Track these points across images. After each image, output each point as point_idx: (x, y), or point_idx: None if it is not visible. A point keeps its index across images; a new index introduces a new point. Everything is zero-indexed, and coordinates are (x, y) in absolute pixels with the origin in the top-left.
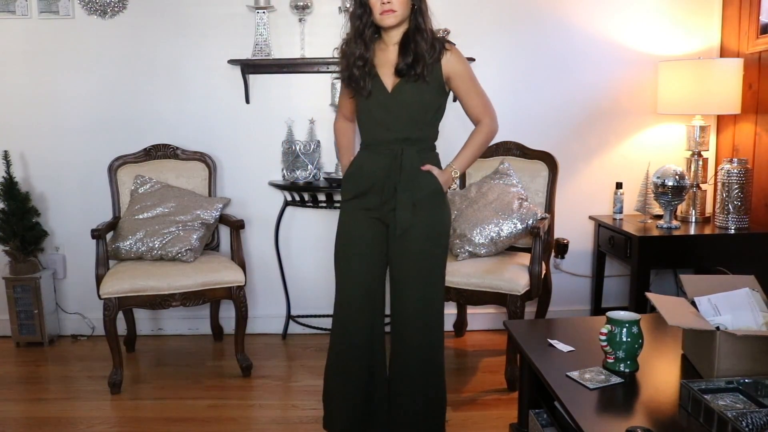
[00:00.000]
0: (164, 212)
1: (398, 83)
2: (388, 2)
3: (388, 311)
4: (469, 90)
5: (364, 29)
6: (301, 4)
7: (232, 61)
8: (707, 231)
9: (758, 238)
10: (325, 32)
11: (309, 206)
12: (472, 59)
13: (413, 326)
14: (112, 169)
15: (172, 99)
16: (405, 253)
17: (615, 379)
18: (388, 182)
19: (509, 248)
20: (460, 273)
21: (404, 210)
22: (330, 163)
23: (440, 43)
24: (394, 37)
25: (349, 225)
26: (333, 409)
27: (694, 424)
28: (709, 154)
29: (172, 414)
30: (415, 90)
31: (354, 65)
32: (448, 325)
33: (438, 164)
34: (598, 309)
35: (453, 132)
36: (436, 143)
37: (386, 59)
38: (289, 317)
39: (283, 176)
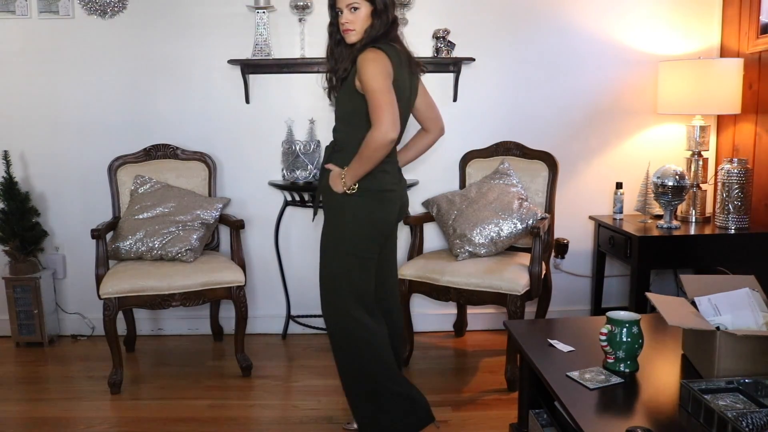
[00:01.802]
0: (164, 212)
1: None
2: (346, 22)
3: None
4: (366, 92)
5: (334, 46)
6: (301, 4)
7: (232, 61)
8: (707, 231)
9: (758, 238)
10: (325, 32)
11: (309, 206)
12: (471, 59)
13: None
14: (112, 169)
15: (172, 99)
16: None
17: (615, 379)
18: (320, 176)
19: (509, 248)
20: (460, 273)
21: (316, 201)
22: None
23: (362, 49)
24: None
25: None
26: None
27: (694, 425)
28: (709, 154)
29: (172, 414)
30: (340, 96)
31: (325, 77)
32: (449, 325)
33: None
34: (598, 309)
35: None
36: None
37: None
38: (289, 317)
39: (283, 176)
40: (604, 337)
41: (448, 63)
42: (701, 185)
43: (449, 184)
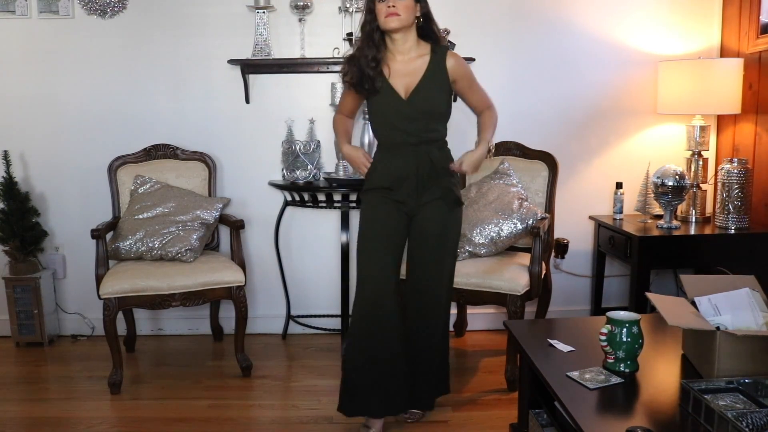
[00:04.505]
0: (164, 212)
1: (412, 92)
2: (393, 6)
3: None
4: (472, 88)
5: (372, 33)
6: (301, 4)
7: (232, 61)
8: (707, 231)
9: (758, 238)
10: (325, 32)
11: (309, 206)
12: (471, 59)
13: (439, 303)
14: (112, 169)
15: (172, 99)
16: (428, 240)
17: (615, 379)
18: (419, 179)
19: (509, 248)
20: (460, 273)
21: (441, 202)
22: (330, 163)
23: (444, 50)
24: (400, 45)
25: (375, 209)
26: (357, 390)
27: (694, 425)
28: (709, 154)
29: (172, 414)
30: (427, 97)
31: (367, 66)
32: (449, 325)
33: (451, 159)
34: (598, 309)
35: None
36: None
37: (395, 69)
38: (289, 317)
39: (283, 176)
40: (604, 337)
41: None
42: (701, 185)
43: None
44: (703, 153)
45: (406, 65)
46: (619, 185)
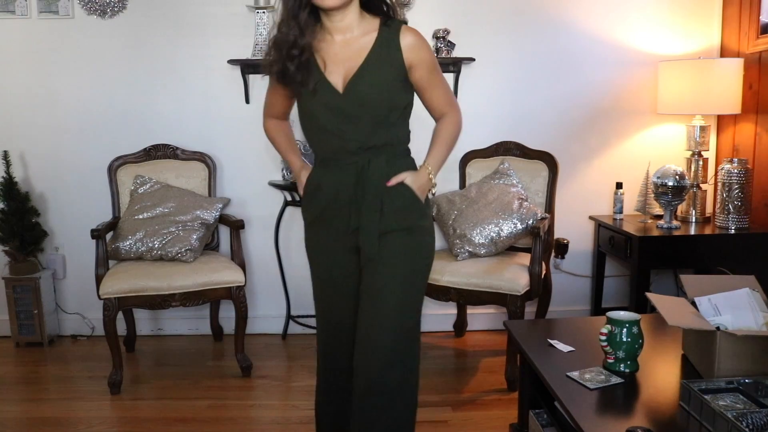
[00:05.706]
0: (164, 212)
1: (350, 81)
2: None
3: None
4: (432, 81)
5: (299, 10)
6: None
7: (232, 61)
8: (707, 231)
9: (758, 238)
10: None
11: None
12: (471, 59)
13: (387, 361)
14: (112, 169)
15: (172, 99)
16: (379, 282)
17: (615, 379)
18: (355, 202)
19: (509, 248)
20: (460, 273)
21: (369, 235)
22: None
23: (398, 24)
24: (338, 21)
25: (323, 251)
26: None
27: (694, 425)
28: (710, 154)
29: (172, 414)
30: (372, 87)
31: (287, 56)
32: (449, 325)
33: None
34: (598, 309)
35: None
36: (410, 146)
37: (333, 54)
38: (289, 317)
39: (283, 176)
40: (604, 337)
41: (448, 63)
42: (701, 185)
43: (449, 184)
44: (703, 153)
45: (345, 47)
46: (619, 185)
